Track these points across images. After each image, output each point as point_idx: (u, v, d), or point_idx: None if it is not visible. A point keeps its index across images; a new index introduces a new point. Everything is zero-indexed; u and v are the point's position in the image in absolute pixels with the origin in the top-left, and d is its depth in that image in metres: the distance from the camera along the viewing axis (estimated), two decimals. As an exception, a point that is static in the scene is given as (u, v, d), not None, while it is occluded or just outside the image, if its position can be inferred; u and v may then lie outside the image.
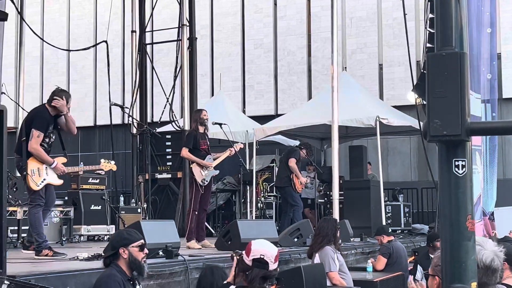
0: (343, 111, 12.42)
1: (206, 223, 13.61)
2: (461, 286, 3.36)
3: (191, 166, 9.38)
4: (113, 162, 8.11)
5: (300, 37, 19.77)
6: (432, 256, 8.50)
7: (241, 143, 10.62)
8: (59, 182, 7.19)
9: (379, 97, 18.04)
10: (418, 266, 9.48)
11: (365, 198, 13.32)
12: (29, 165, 6.96)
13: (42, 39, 16.68)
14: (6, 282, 4.73)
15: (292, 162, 11.78)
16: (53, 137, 7.29)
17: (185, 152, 9.40)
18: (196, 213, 9.33)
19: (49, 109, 7.16)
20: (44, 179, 7.02)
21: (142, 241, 4.79)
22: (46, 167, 7.05)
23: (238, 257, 4.59)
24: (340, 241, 8.17)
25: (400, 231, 14.40)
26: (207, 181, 9.33)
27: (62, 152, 7.38)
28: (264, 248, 4.52)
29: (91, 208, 11.45)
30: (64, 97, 7.20)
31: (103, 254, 4.94)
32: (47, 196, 7.13)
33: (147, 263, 4.83)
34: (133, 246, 4.72)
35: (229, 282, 4.59)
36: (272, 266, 4.45)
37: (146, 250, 4.80)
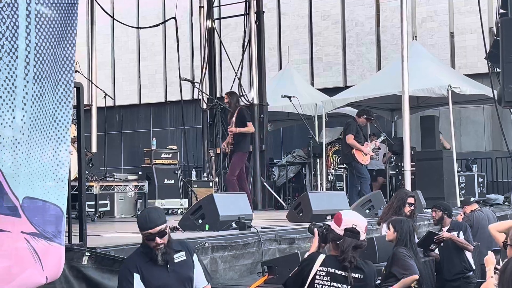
0: (413, 81, 12.21)
1: (277, 196, 13.76)
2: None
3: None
4: None
5: (368, 7, 19.49)
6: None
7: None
8: None
9: (450, 65, 17.67)
10: None
11: (438, 169, 13.12)
12: None
13: (113, 17, 17.02)
14: (87, 253, 4.90)
15: (350, 139, 11.69)
16: None
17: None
18: None
19: None
20: None
21: (150, 231, 4.31)
22: None
23: (318, 229, 4.80)
24: (410, 213, 7.89)
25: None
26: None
27: None
28: (355, 219, 4.74)
29: (164, 182, 11.65)
30: None
31: None
32: None
33: (163, 250, 4.34)
34: (143, 234, 4.39)
35: (316, 252, 4.74)
36: (363, 236, 4.67)
37: (158, 240, 4.31)
